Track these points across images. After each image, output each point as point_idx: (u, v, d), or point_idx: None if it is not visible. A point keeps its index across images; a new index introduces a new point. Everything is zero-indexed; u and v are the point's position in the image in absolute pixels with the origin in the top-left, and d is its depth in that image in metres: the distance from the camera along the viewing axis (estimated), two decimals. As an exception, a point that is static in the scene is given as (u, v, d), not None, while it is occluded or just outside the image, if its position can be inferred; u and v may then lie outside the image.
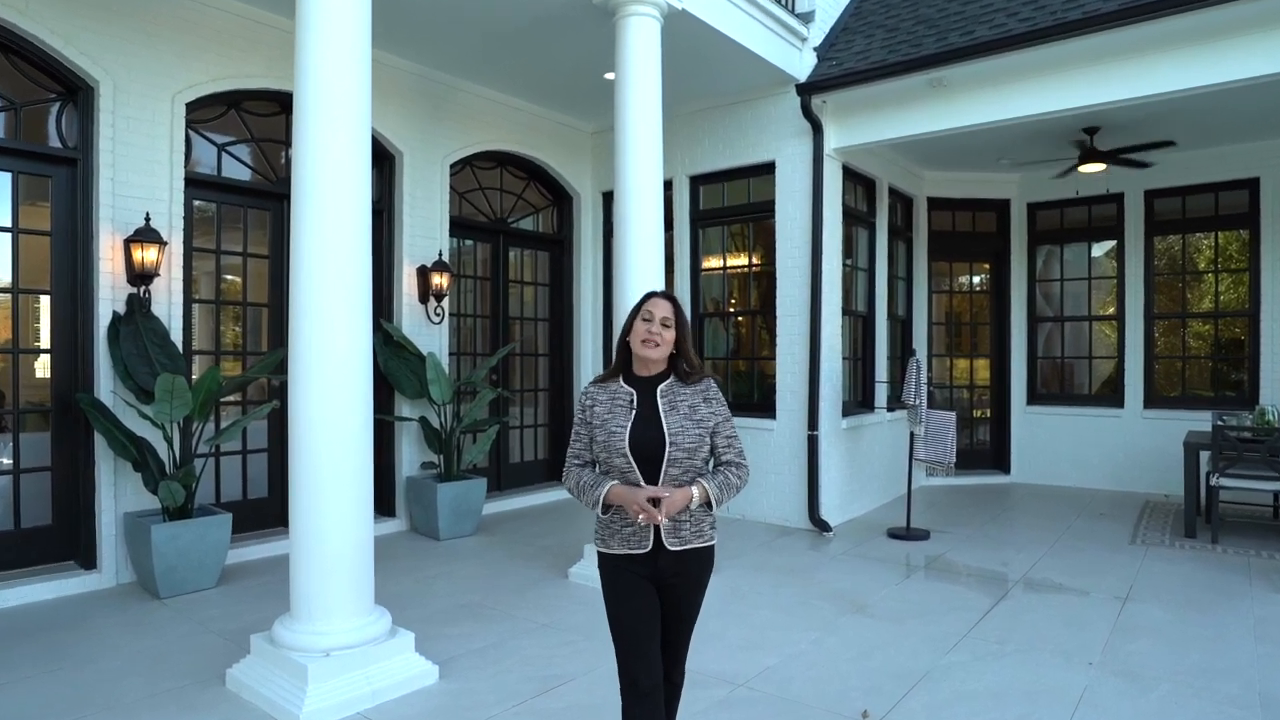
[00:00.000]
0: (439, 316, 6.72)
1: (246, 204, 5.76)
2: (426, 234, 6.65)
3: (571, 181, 8.05)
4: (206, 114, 5.46)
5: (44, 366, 4.90)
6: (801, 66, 6.54)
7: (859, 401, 7.57)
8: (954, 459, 6.63)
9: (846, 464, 6.97)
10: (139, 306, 4.91)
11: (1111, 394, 8.47)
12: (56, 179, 4.82)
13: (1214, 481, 6.04)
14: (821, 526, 6.43)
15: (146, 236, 4.85)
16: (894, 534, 6.34)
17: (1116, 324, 8.46)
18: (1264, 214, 7.66)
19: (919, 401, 6.43)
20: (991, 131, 6.30)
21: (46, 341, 4.87)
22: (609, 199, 7.77)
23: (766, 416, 6.79)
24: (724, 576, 5.04)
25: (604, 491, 2.28)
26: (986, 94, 5.84)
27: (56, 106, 4.86)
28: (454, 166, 6.97)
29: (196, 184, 5.38)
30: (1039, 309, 8.96)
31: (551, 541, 6.05)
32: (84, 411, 4.69)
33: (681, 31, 5.42)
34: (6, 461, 4.75)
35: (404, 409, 6.46)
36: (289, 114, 5.65)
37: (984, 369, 9.07)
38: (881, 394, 7.69)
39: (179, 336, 5.12)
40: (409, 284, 6.53)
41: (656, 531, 2.30)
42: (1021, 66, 5.58)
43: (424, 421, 6.37)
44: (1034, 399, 8.85)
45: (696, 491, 2.28)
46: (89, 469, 4.84)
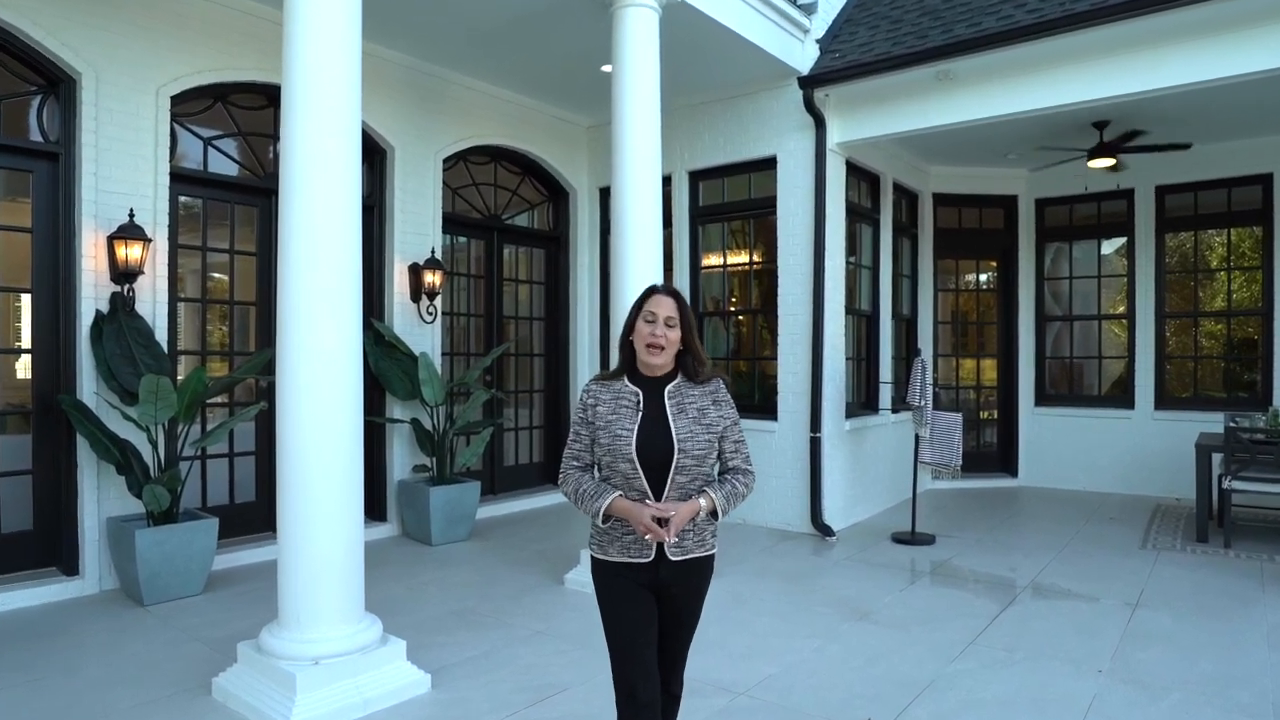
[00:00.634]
0: (431, 315, 6.71)
1: (233, 200, 5.75)
2: (418, 231, 6.65)
3: (567, 177, 8.05)
4: (192, 107, 5.45)
5: (24, 367, 4.89)
6: (803, 59, 6.54)
7: (863, 403, 7.58)
8: (960, 462, 6.63)
9: (850, 467, 6.98)
10: (123, 305, 4.90)
11: (1121, 395, 8.48)
12: (37, 174, 4.81)
13: (1226, 484, 6.05)
14: (824, 531, 6.43)
15: (130, 233, 4.84)
16: (899, 539, 6.35)
17: (1127, 323, 8.47)
18: (1277, 210, 7.67)
19: (924, 403, 6.43)
20: (998, 125, 6.29)
21: (27, 341, 4.86)
22: (606, 195, 7.76)
23: (768, 418, 6.79)
24: (724, 582, 5.04)
25: (606, 504, 2.23)
26: (993, 87, 5.85)
27: (37, 99, 4.85)
28: (447, 161, 6.97)
29: (182, 179, 5.37)
30: (1047, 308, 8.97)
31: (547, 547, 6.04)
32: (66, 413, 4.68)
33: (680, 23, 5.42)
34: (-14, 465, 4.74)
35: (395, 410, 6.45)
36: (277, 107, 5.64)
37: (991, 369, 9.08)
38: (886, 395, 7.70)
39: (164, 336, 5.11)
40: (400, 282, 6.53)
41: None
42: (1029, 59, 5.58)
43: (416, 423, 6.36)
44: (1042, 400, 8.86)
45: (704, 503, 2.23)
46: (71, 472, 4.83)
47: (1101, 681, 3.63)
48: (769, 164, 6.90)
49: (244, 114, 5.76)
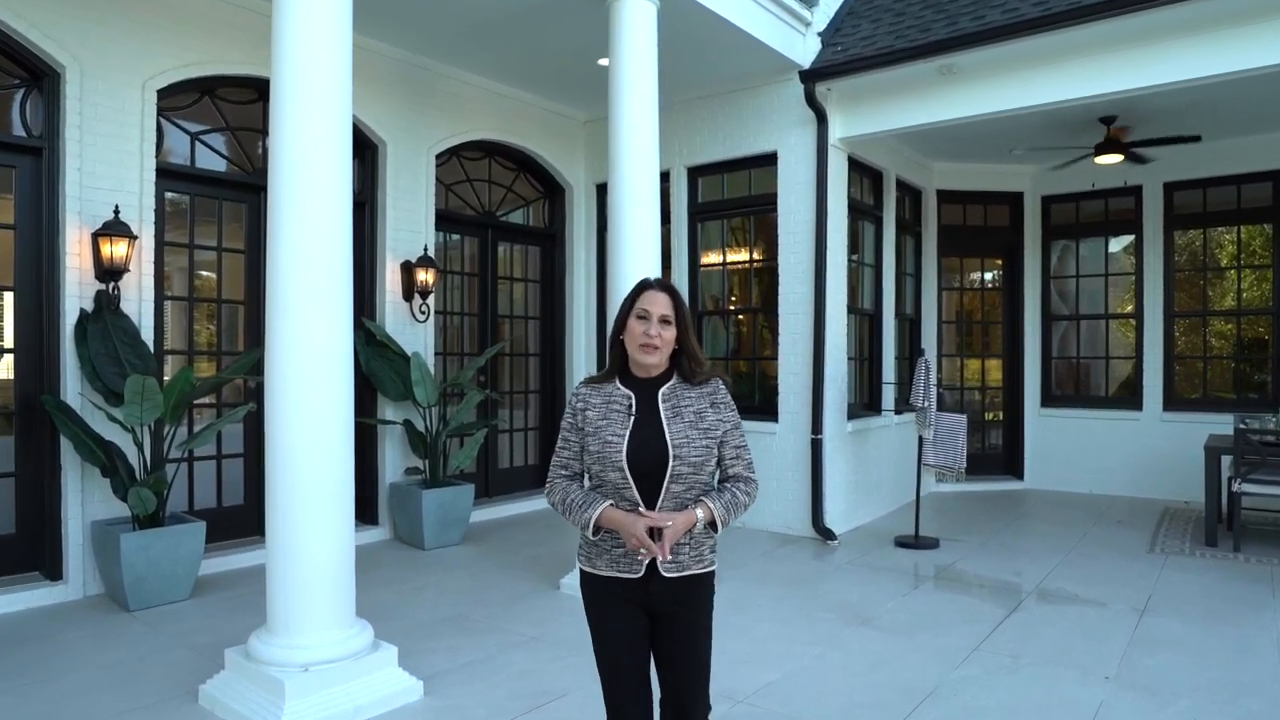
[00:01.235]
0: (424, 314, 6.71)
1: (221, 196, 5.74)
2: (411, 228, 6.65)
3: (563, 173, 8.05)
4: (179, 101, 5.45)
5: (6, 367, 4.88)
6: (805, 52, 6.55)
7: (865, 404, 7.58)
8: (964, 464, 6.64)
9: (852, 469, 6.98)
10: (108, 304, 4.89)
11: (1129, 396, 8.49)
12: (20, 169, 4.81)
13: (1236, 487, 6.06)
14: (826, 535, 6.44)
15: (115, 230, 4.83)
16: (902, 542, 6.35)
17: (1134, 323, 8.48)
18: (1288, 207, 7.69)
19: (928, 404, 6.44)
20: (1003, 121, 6.31)
21: (10, 341, 4.85)
22: (603, 191, 7.77)
23: (768, 419, 6.79)
24: (724, 588, 5.02)
25: (596, 514, 2.11)
26: (998, 81, 5.86)
27: (20, 93, 4.84)
28: (440, 157, 6.97)
29: (169, 175, 5.36)
30: (1054, 307, 8.98)
31: (542, 551, 6.04)
32: (49, 414, 4.67)
33: (679, 15, 5.42)
34: (-33, 467, 4.73)
35: (387, 411, 6.45)
36: (266, 101, 5.60)
37: (996, 370, 9.09)
38: (889, 396, 7.70)
39: (150, 335, 5.10)
40: (392, 280, 6.53)
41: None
42: (1035, 53, 5.59)
43: (408, 425, 6.36)
44: (1048, 401, 8.87)
45: (701, 514, 2.10)
46: (54, 475, 4.82)
47: (1109, 688, 3.63)
48: (769, 160, 6.91)
49: (232, 108, 5.75)
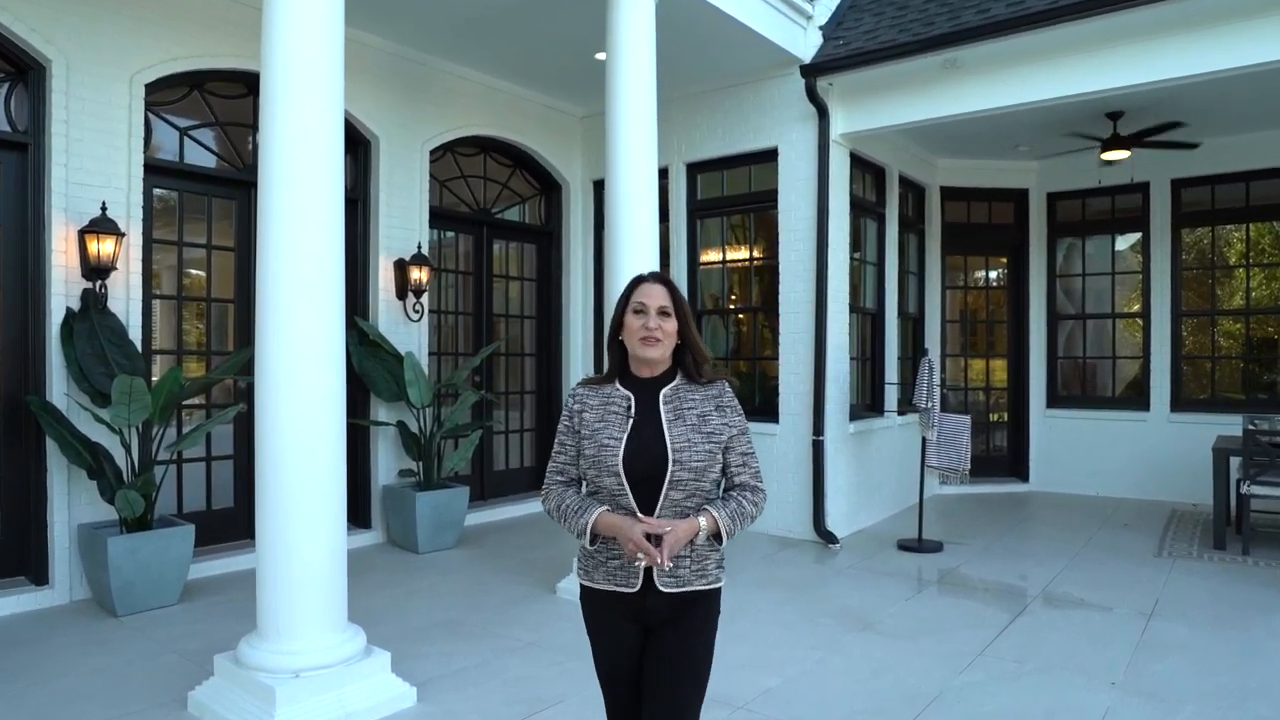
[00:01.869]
0: (418, 313, 6.71)
1: (211, 192, 5.74)
2: (404, 225, 6.64)
3: (560, 169, 8.05)
4: (167, 96, 5.44)
5: (-8, 367, 4.87)
6: (806, 46, 6.56)
7: (867, 404, 7.59)
8: (968, 466, 6.65)
9: (854, 471, 6.99)
10: (94, 302, 4.89)
11: (1136, 397, 8.50)
12: (5, 165, 4.80)
13: (1245, 489, 6.07)
14: (827, 538, 6.44)
15: (102, 227, 4.82)
16: (905, 546, 6.36)
17: (1142, 322, 8.50)
18: (1298, 205, 7.71)
19: (931, 404, 6.45)
20: (1008, 116, 6.32)
21: (-6, 340, 4.85)
22: (600, 188, 7.77)
23: (769, 420, 6.79)
24: (724, 592, 5.03)
25: (591, 520, 2.01)
26: (1003, 76, 5.87)
27: (5, 87, 4.83)
28: (434, 153, 6.97)
29: (157, 171, 5.36)
30: (1059, 306, 8.99)
31: (538, 555, 6.04)
32: (35, 415, 4.67)
33: (677, 8, 5.41)
34: (-49, 469, 4.72)
35: (380, 412, 6.45)
36: (256, 96, 5.60)
37: (1001, 370, 9.11)
38: (891, 396, 7.71)
39: (138, 335, 5.10)
40: (385, 278, 6.52)
41: (648, 566, 2.01)
42: (1041, 47, 5.60)
43: (402, 426, 6.36)
44: (1054, 402, 8.88)
45: (704, 522, 1.99)
46: (40, 477, 4.81)
47: (1115, 694, 3.64)
48: (770, 156, 6.91)
49: (222, 103, 5.75)
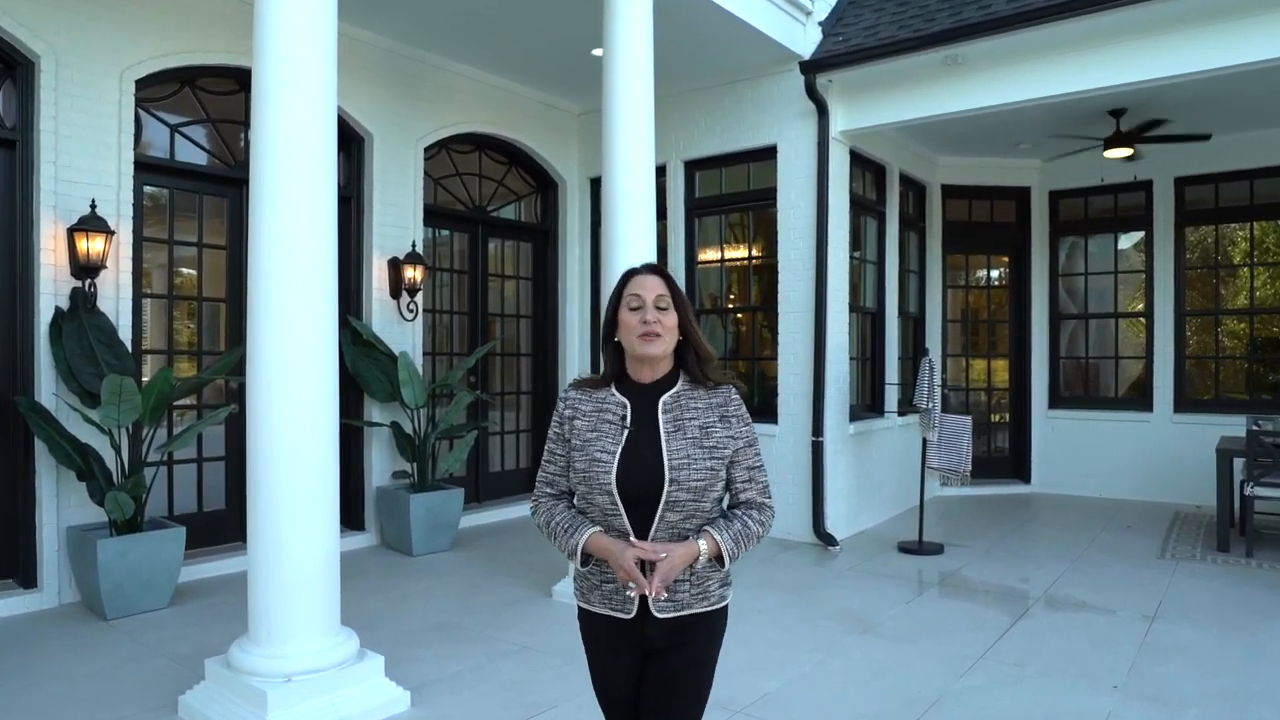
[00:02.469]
0: (412, 313, 6.71)
1: (202, 190, 5.73)
2: (398, 223, 6.64)
3: (556, 167, 8.05)
4: (158, 92, 5.44)
5: (-21, 367, 4.86)
6: (805, 43, 6.56)
7: (867, 405, 7.59)
8: (969, 467, 6.66)
9: (854, 473, 6.99)
10: (84, 301, 4.88)
11: (1139, 397, 8.52)
12: (-7, 162, 4.80)
13: (1249, 491, 6.08)
14: (827, 540, 6.45)
15: (92, 225, 4.82)
16: (905, 548, 6.37)
17: (1145, 322, 8.51)
18: (1302, 203, 7.73)
19: (932, 405, 6.45)
20: (1010, 113, 6.33)
21: (-18, 339, 4.84)
22: (597, 186, 7.77)
23: (768, 421, 6.79)
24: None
25: (582, 541, 1.89)
26: (1005, 73, 5.87)
27: (-7, 83, 4.83)
28: (428, 150, 6.96)
29: (147, 168, 5.35)
30: (1061, 305, 9.01)
31: (534, 557, 6.04)
32: (23, 416, 4.66)
33: (675, 3, 5.42)
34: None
35: (374, 413, 6.44)
36: (249, 92, 5.60)
37: (1002, 370, 9.12)
38: (892, 397, 7.72)
39: (128, 334, 5.09)
40: (379, 277, 6.52)
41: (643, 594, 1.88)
42: (1043, 43, 5.60)
43: (396, 427, 6.35)
44: (1056, 403, 8.89)
45: (704, 546, 1.86)
46: (28, 479, 4.80)
47: (1117, 697, 3.64)
48: (769, 153, 6.91)
49: (213, 99, 5.74)
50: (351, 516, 6.29)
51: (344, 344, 6.03)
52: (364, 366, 6.23)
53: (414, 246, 6.68)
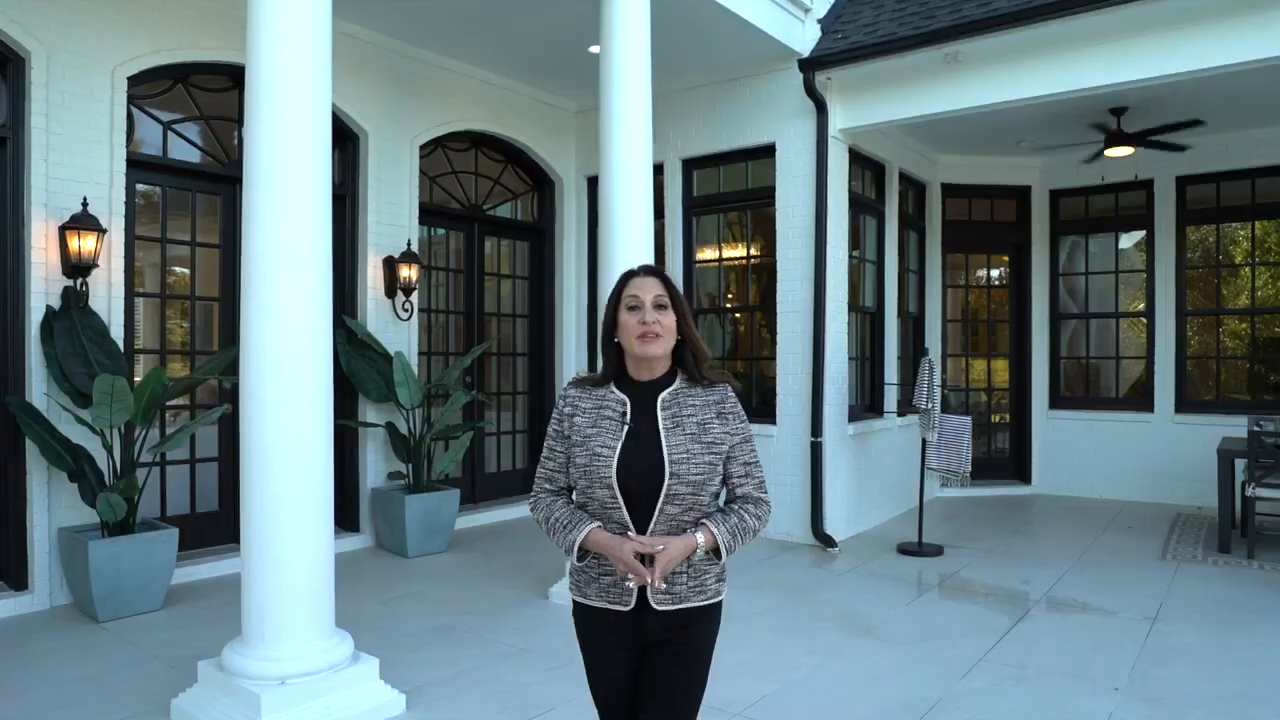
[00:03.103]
0: (406, 312, 6.70)
1: (195, 188, 5.72)
2: (393, 221, 6.63)
3: (553, 165, 8.04)
4: (151, 89, 5.43)
5: (-31, 366, 4.85)
6: (804, 40, 6.56)
7: (867, 405, 7.60)
8: (969, 468, 6.66)
9: (853, 473, 6.99)
10: (75, 301, 4.87)
11: (1140, 397, 8.53)
12: (-16, 160, 4.78)
13: (1250, 492, 6.09)
14: (826, 541, 6.45)
15: (84, 223, 4.80)
16: (905, 549, 6.37)
17: (1146, 322, 8.52)
18: (1304, 202, 7.74)
19: (931, 405, 6.46)
20: (1011, 112, 6.33)
21: (-28, 339, 4.83)
22: (595, 184, 7.77)
23: (766, 421, 6.79)
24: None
25: (580, 537, 1.95)
26: (1006, 71, 5.87)
27: (-16, 80, 4.82)
28: (424, 148, 6.95)
29: (140, 166, 5.34)
30: (1062, 305, 9.02)
31: (531, 559, 6.03)
32: (13, 416, 4.65)
33: (673, 0, 5.42)
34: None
35: (368, 413, 6.43)
36: (242, 89, 5.60)
37: (1002, 370, 9.12)
38: (891, 397, 7.72)
39: (120, 334, 5.08)
40: (374, 277, 6.51)
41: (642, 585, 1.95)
42: (1044, 41, 5.61)
43: (391, 427, 6.35)
44: (1057, 403, 8.90)
45: (702, 539, 1.93)
46: (19, 480, 4.79)
47: (1118, 700, 3.65)
48: (767, 151, 6.91)
49: (206, 96, 5.73)
50: (346, 517, 6.28)
51: (339, 344, 6.01)
52: (359, 366, 6.22)
53: (409, 245, 6.67)
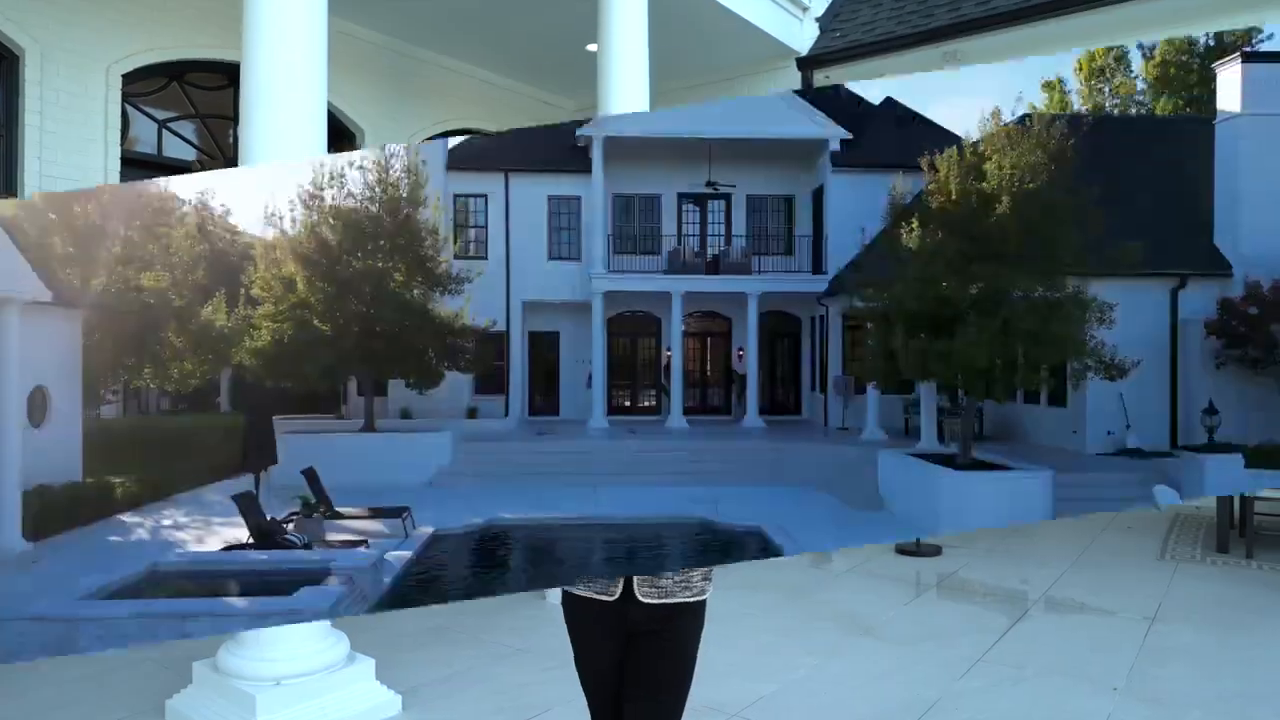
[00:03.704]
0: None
1: (190, 186, 5.70)
2: (390, 220, 6.61)
3: (551, 163, 8.02)
4: (145, 87, 5.41)
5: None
6: (802, 39, 6.56)
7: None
8: (968, 467, 6.65)
9: (851, 473, 6.97)
10: (70, 299, 4.85)
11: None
12: (-23, 157, 4.77)
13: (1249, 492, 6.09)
14: (824, 542, 6.44)
15: (78, 222, 4.79)
16: (903, 549, 6.35)
17: (1144, 321, 8.50)
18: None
19: (930, 405, 6.44)
20: (1009, 110, 6.32)
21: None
22: (592, 183, 7.75)
23: (764, 421, 6.78)
24: (717, 597, 5.01)
25: None
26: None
27: (-23, 77, 4.81)
28: (421, 146, 6.95)
29: (134, 163, 5.33)
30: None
31: (528, 559, 6.02)
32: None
33: (671, -1, 5.43)
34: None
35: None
36: (238, 87, 5.60)
37: (1001, 370, 9.10)
38: (890, 397, 7.70)
39: (114, 333, 5.06)
40: (371, 275, 6.49)
41: (628, 576, 2.00)
42: (1042, 40, 5.61)
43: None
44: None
45: None
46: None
47: (1117, 700, 3.64)
48: (766, 150, 6.90)
49: (201, 94, 5.72)
50: (342, 518, 6.27)
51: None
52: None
53: (406, 244, 6.65)
